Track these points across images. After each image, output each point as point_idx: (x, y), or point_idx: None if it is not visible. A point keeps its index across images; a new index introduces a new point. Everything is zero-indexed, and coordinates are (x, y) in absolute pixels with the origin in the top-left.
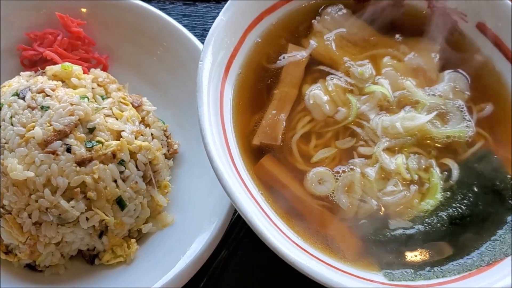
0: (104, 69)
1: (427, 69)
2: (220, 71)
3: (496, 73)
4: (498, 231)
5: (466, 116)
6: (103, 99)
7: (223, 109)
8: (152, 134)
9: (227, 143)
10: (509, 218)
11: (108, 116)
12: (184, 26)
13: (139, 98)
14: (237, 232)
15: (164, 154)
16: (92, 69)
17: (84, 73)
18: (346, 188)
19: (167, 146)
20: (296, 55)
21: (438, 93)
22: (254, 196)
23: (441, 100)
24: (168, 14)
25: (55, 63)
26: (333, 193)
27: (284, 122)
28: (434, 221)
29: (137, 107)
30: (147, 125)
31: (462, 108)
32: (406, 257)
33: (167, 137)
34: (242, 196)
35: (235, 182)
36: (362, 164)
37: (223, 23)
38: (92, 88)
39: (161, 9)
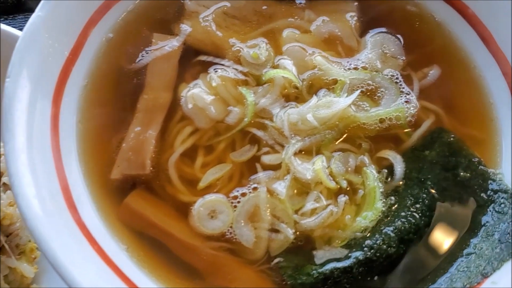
0: None
1: (343, 36)
2: (48, 86)
3: (437, 24)
4: (471, 240)
5: (403, 88)
6: None
7: (59, 139)
8: (4, 184)
9: (65, 187)
10: (484, 219)
11: None
12: None
13: None
14: None
15: None
16: None
17: None
18: (248, 217)
19: None
20: (164, 47)
21: (362, 65)
22: (113, 260)
23: (366, 73)
24: None
25: None
26: (231, 227)
27: (154, 141)
28: (378, 241)
29: None
30: None
31: (397, 78)
32: None
33: None
34: (87, 269)
35: (75, 249)
36: (268, 179)
37: (41, 20)
38: None
39: None
